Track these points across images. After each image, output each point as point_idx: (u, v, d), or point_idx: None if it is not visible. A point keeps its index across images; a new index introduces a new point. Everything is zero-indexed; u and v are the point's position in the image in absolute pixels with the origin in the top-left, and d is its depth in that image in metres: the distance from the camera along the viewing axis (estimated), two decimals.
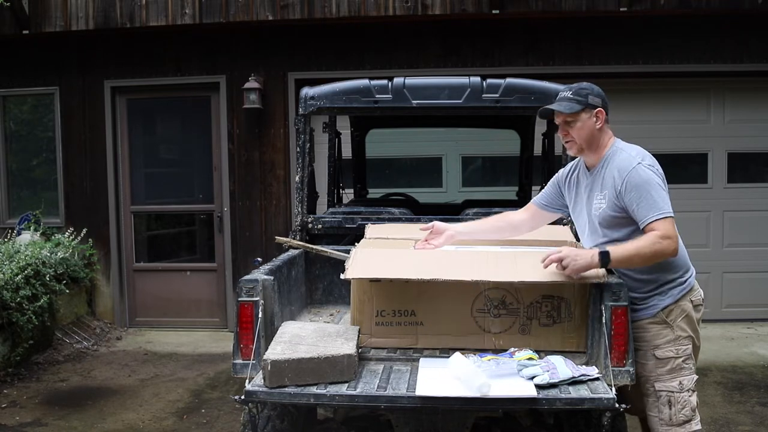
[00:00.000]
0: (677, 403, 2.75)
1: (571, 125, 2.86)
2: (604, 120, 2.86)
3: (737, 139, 7.04)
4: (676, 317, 2.78)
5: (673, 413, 2.75)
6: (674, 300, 2.78)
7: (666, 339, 2.77)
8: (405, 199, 5.97)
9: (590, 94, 2.84)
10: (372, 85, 3.74)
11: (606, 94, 2.92)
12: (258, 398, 2.55)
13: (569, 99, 2.85)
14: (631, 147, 2.86)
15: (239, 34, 6.95)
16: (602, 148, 2.87)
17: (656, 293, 2.79)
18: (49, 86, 7.28)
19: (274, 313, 2.92)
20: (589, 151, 2.89)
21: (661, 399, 2.77)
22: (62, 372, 5.78)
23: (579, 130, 2.85)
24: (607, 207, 2.79)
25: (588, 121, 2.84)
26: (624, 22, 6.67)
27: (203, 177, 7.35)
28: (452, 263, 2.88)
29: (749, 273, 7.06)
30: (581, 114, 2.83)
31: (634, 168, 2.72)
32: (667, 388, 2.76)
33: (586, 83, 2.91)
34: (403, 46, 6.89)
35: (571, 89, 2.88)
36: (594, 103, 2.84)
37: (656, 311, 2.78)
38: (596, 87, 2.89)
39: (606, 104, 2.88)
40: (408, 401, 2.49)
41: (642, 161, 2.75)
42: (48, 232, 7.01)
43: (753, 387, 5.19)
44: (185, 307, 7.26)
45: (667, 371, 2.77)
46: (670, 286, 2.79)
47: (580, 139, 2.86)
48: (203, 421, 4.66)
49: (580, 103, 2.83)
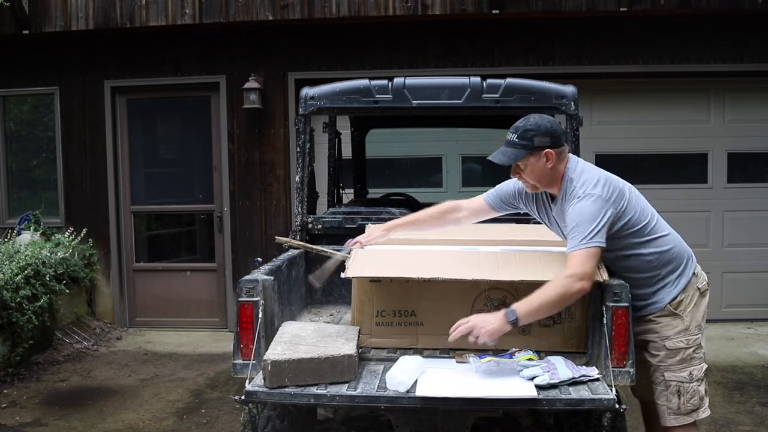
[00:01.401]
0: (686, 393, 2.78)
1: (522, 168, 2.79)
2: (555, 157, 2.73)
3: (737, 139, 7.03)
4: (685, 307, 2.81)
5: (682, 402, 2.78)
6: (681, 290, 2.81)
7: (676, 330, 2.80)
8: (405, 199, 5.96)
9: (536, 135, 2.71)
10: (372, 85, 3.74)
11: (606, 94, 2.90)
12: (258, 398, 2.55)
13: (514, 145, 2.75)
14: (580, 175, 2.74)
15: (239, 34, 6.95)
16: (558, 181, 2.79)
17: (662, 287, 2.81)
18: (49, 86, 7.28)
19: (274, 313, 2.92)
20: (545, 187, 2.83)
21: (670, 389, 2.80)
22: (62, 372, 5.78)
23: (530, 173, 2.77)
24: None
25: (537, 164, 2.74)
26: (624, 22, 6.67)
27: (203, 177, 7.35)
28: (453, 263, 2.88)
29: (749, 273, 7.06)
30: (529, 158, 2.73)
31: (575, 202, 2.67)
32: (677, 379, 2.79)
33: (533, 121, 2.75)
34: (403, 46, 6.89)
35: (517, 131, 2.75)
36: (541, 144, 2.71)
37: (664, 304, 2.80)
38: (544, 123, 2.74)
39: (558, 138, 2.74)
40: (408, 401, 2.49)
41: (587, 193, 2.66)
42: (48, 232, 7.01)
43: (753, 387, 5.19)
44: (185, 307, 7.26)
45: (677, 362, 2.80)
46: (675, 277, 2.82)
47: (533, 180, 2.79)
48: (203, 421, 4.66)
49: (526, 148, 2.72)
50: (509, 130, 2.82)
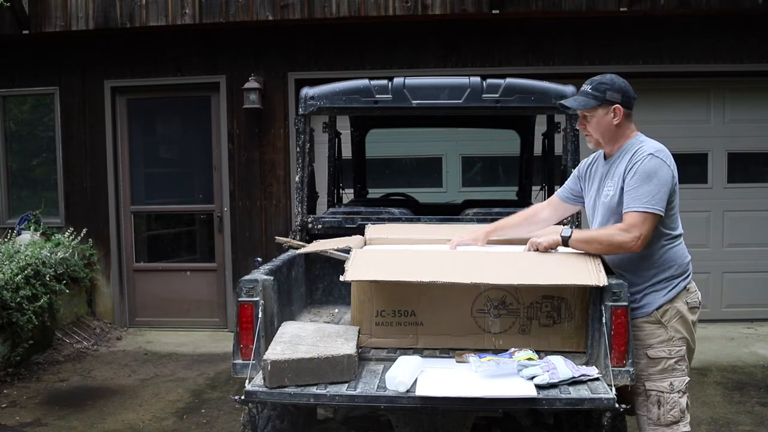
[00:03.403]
0: (666, 404, 2.73)
1: (588, 119, 2.87)
2: (623, 116, 2.83)
3: (737, 139, 7.04)
4: (671, 318, 2.77)
5: (661, 413, 2.74)
6: (669, 300, 2.77)
7: (659, 339, 2.76)
8: (405, 199, 5.96)
9: (609, 90, 2.81)
10: (372, 85, 3.74)
11: None
12: (258, 398, 2.55)
13: (586, 94, 2.84)
14: (653, 141, 2.85)
15: (239, 34, 6.95)
16: (621, 141, 2.87)
17: (650, 291, 2.78)
18: (49, 86, 7.28)
19: (274, 313, 2.92)
20: (606, 144, 2.90)
21: (650, 398, 2.76)
22: (62, 372, 5.78)
23: (596, 125, 2.86)
24: (615, 194, 2.79)
25: (604, 117, 2.83)
26: (624, 22, 6.67)
27: (203, 177, 7.35)
28: (452, 265, 2.88)
29: (749, 273, 7.06)
30: (597, 110, 2.83)
31: (645, 157, 2.73)
32: (657, 388, 2.75)
33: (609, 77, 2.86)
34: (403, 46, 6.89)
35: (592, 83, 2.85)
36: (612, 99, 2.80)
37: (651, 310, 2.77)
38: (619, 81, 2.84)
39: (628, 99, 2.84)
40: (408, 401, 2.49)
41: (656, 153, 2.74)
42: (48, 232, 7.01)
43: (753, 387, 5.19)
44: (185, 307, 7.26)
45: (658, 371, 2.76)
46: (665, 285, 2.78)
47: (596, 133, 2.87)
48: (203, 421, 4.66)
49: (597, 99, 2.81)
50: (585, 81, 2.90)
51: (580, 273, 2.70)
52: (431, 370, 2.65)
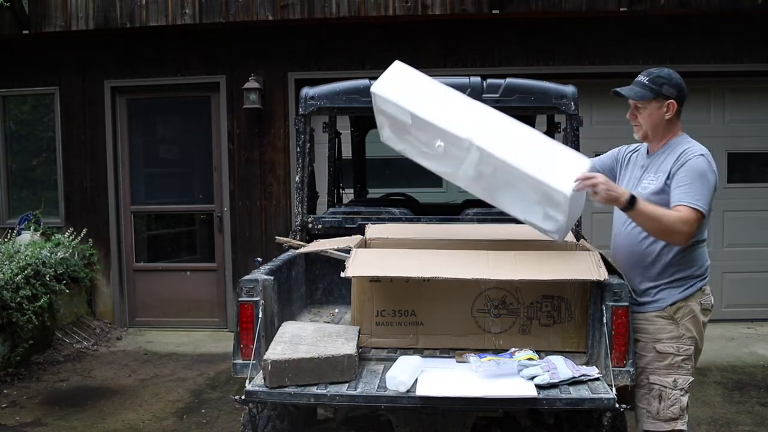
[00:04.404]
0: (667, 399, 2.75)
1: (640, 111, 2.87)
2: (675, 112, 2.84)
3: (737, 139, 7.03)
4: (683, 315, 2.79)
5: (661, 408, 2.76)
6: (684, 297, 2.80)
7: (670, 335, 2.78)
8: (405, 199, 5.96)
9: (666, 84, 2.80)
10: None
11: (606, 94, 2.91)
12: (258, 398, 2.55)
13: (642, 85, 2.83)
14: (699, 144, 2.88)
15: (239, 34, 6.95)
16: (668, 137, 2.88)
17: (667, 287, 2.80)
18: (49, 86, 7.28)
19: (274, 313, 2.92)
20: (654, 138, 2.90)
21: (653, 392, 2.77)
22: (62, 372, 5.78)
23: (647, 118, 2.85)
24: (654, 188, 2.81)
25: (657, 111, 2.83)
26: (624, 22, 6.67)
27: (203, 177, 7.35)
28: (453, 263, 2.87)
29: (749, 273, 7.06)
30: (651, 102, 2.82)
31: (696, 157, 2.76)
32: (661, 383, 2.77)
33: (667, 71, 2.85)
34: (403, 46, 6.88)
35: (649, 75, 2.84)
36: (667, 93, 2.80)
37: (665, 305, 2.79)
38: (676, 77, 2.84)
39: (682, 96, 2.84)
40: (408, 401, 2.49)
41: (706, 156, 2.79)
42: (48, 232, 7.01)
43: (753, 387, 5.19)
44: (185, 307, 7.26)
45: (664, 366, 2.77)
46: (682, 283, 2.81)
47: (647, 125, 2.87)
48: (203, 421, 4.66)
49: (653, 92, 2.81)
50: (641, 72, 2.88)
51: (580, 269, 2.71)
52: (431, 370, 2.65)
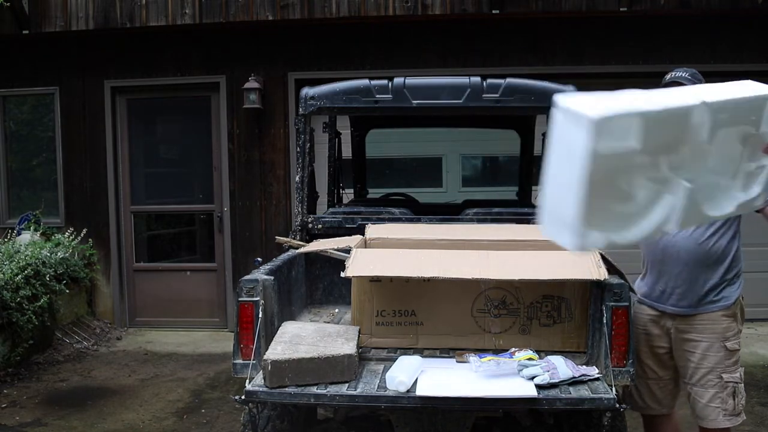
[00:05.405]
0: (740, 394, 2.82)
1: None
2: None
3: None
4: (741, 311, 2.90)
5: (736, 403, 2.81)
6: (740, 294, 2.90)
7: (734, 332, 2.85)
8: (405, 199, 5.96)
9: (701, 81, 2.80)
10: (372, 85, 3.74)
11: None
12: (258, 398, 2.55)
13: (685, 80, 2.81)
14: None
15: (239, 34, 6.95)
16: None
17: (727, 285, 2.87)
18: (49, 86, 7.28)
19: (274, 313, 2.92)
20: None
21: (727, 390, 2.81)
22: (62, 372, 5.78)
23: None
24: None
25: None
26: (624, 22, 6.67)
27: (203, 177, 7.35)
28: (453, 263, 2.88)
29: (749, 273, 6.95)
30: None
31: None
32: (734, 379, 2.82)
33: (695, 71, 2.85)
34: (403, 46, 6.89)
35: (688, 72, 2.83)
36: None
37: (730, 303, 2.85)
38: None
39: None
40: (408, 401, 2.49)
41: None
42: (48, 232, 7.01)
43: (753, 387, 5.18)
44: (185, 307, 7.26)
45: (733, 362, 2.83)
46: (736, 279, 2.90)
47: None
48: (203, 421, 4.66)
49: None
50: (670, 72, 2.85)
51: (580, 269, 2.71)
52: (431, 370, 2.65)
